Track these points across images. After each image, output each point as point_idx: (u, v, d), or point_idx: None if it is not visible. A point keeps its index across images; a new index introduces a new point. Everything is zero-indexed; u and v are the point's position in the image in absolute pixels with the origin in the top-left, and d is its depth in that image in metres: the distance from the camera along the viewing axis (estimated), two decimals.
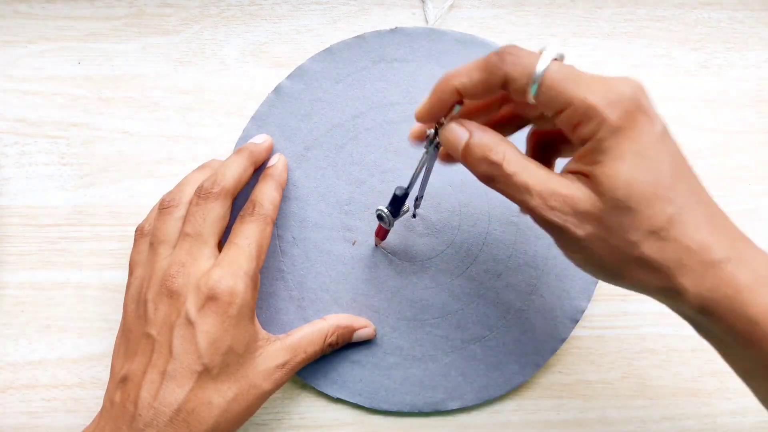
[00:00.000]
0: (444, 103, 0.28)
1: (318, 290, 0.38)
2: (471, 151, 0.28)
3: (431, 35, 0.40)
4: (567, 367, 0.38)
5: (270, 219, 0.35)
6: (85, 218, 0.39)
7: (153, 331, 0.31)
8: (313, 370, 0.37)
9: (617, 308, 0.39)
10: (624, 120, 0.25)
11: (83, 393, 0.37)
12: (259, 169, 0.37)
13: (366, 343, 0.37)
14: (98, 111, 0.40)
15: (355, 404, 0.37)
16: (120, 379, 0.31)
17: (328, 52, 0.40)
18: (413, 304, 0.38)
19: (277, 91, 0.39)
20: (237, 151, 0.36)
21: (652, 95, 0.27)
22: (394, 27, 0.40)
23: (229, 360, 0.31)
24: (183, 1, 0.41)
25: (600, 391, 0.38)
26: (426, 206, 0.38)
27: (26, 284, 0.38)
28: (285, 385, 0.37)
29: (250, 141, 0.37)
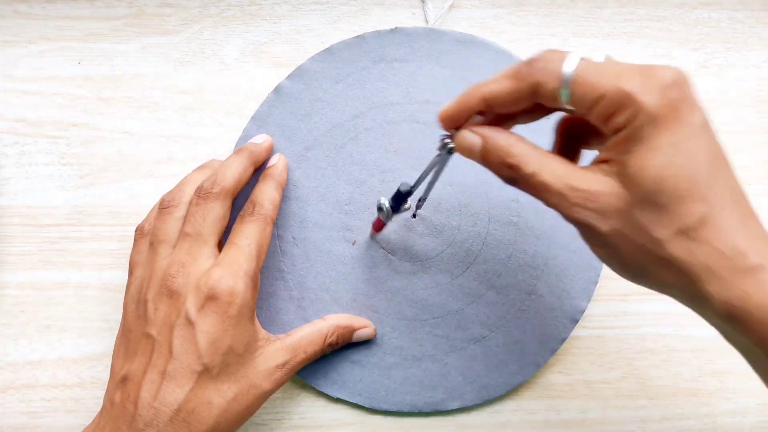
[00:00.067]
0: (469, 110, 0.28)
1: (318, 290, 0.38)
2: (488, 157, 0.27)
3: (431, 35, 0.40)
4: (567, 367, 0.38)
5: (270, 219, 0.35)
6: (85, 218, 0.39)
7: (153, 331, 0.31)
8: (313, 370, 0.37)
9: (617, 308, 0.39)
10: (663, 108, 0.24)
11: (83, 393, 0.37)
12: (259, 169, 0.37)
13: (366, 343, 0.37)
14: (98, 111, 0.40)
15: (355, 404, 0.37)
16: (120, 379, 0.31)
17: (328, 52, 0.40)
18: (413, 304, 0.38)
19: (277, 91, 0.39)
20: (237, 151, 0.36)
21: (694, 84, 0.25)
22: (394, 27, 0.40)
23: (229, 360, 0.31)
24: (183, 1, 0.41)
25: (600, 391, 0.38)
26: (426, 206, 0.38)
27: (26, 284, 0.38)
28: (285, 385, 0.37)
29: (250, 141, 0.37)
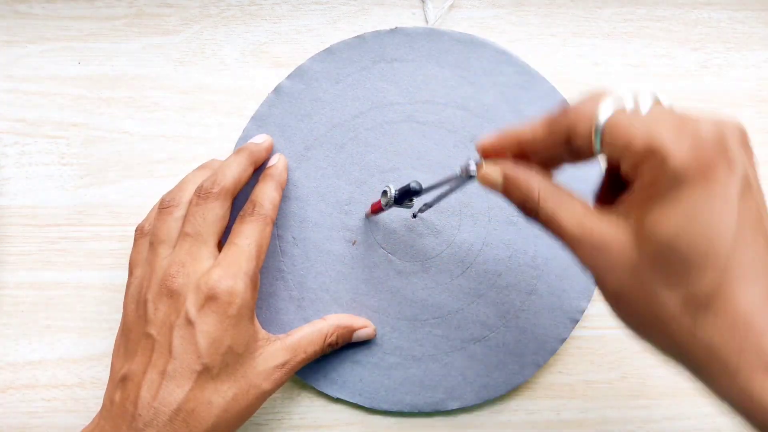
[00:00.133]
0: (504, 150, 0.28)
1: (318, 290, 0.38)
2: (508, 192, 0.27)
3: (431, 35, 0.40)
4: (567, 367, 0.38)
5: (270, 219, 0.35)
6: (85, 218, 0.39)
7: (153, 331, 0.31)
8: (313, 370, 0.37)
9: None
10: (694, 164, 0.22)
11: (83, 393, 0.37)
12: (259, 169, 0.37)
13: (366, 343, 0.37)
14: (98, 111, 0.40)
15: (355, 404, 0.37)
16: (120, 378, 0.31)
17: (328, 52, 0.40)
18: (413, 304, 0.38)
19: (277, 91, 0.39)
20: (237, 151, 0.36)
21: (748, 139, 0.23)
22: (394, 27, 0.40)
23: (229, 360, 0.31)
24: (183, 1, 0.41)
25: (600, 391, 0.38)
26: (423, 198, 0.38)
27: (26, 284, 0.38)
28: (285, 385, 0.37)
29: (250, 141, 0.37)
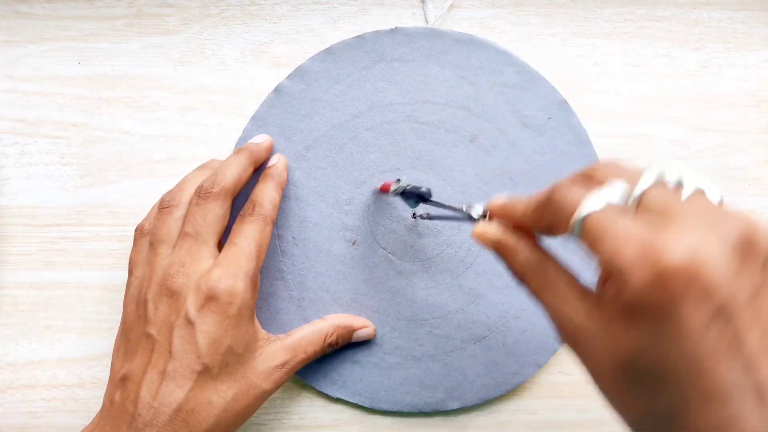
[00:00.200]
0: (508, 216, 0.28)
1: (318, 290, 0.38)
2: (500, 252, 0.28)
3: (431, 35, 0.40)
4: (567, 367, 0.38)
5: (270, 219, 0.35)
6: (85, 218, 0.39)
7: (153, 331, 0.31)
8: (313, 370, 0.37)
9: None
10: (650, 296, 0.20)
11: (83, 393, 0.37)
12: (259, 169, 0.37)
13: (366, 343, 0.37)
14: (98, 111, 0.40)
15: (355, 404, 0.37)
16: (120, 378, 0.31)
17: (328, 52, 0.40)
18: (413, 304, 0.38)
19: (277, 91, 0.39)
20: (237, 151, 0.36)
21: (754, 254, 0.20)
22: (394, 27, 0.40)
23: (229, 360, 0.31)
24: (183, 1, 0.41)
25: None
26: (426, 206, 0.38)
27: (26, 284, 0.38)
28: (285, 385, 0.37)
29: (250, 141, 0.37)
